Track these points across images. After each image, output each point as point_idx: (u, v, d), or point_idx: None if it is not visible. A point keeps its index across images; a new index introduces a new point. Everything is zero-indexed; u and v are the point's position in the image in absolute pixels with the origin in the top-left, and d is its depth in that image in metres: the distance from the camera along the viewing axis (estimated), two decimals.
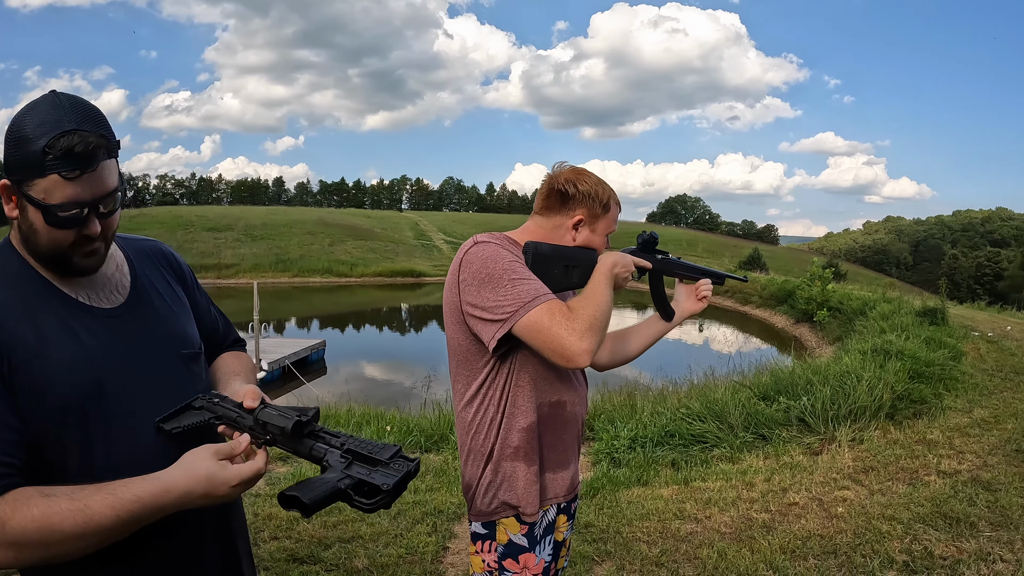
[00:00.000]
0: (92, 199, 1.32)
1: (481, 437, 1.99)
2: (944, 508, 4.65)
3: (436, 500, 5.07)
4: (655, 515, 4.83)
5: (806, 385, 7.73)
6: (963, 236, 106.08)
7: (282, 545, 4.24)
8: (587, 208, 2.03)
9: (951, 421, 7.05)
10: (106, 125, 1.35)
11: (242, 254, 51.25)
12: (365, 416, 7.95)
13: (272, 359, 17.61)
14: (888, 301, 18.54)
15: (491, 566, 2.02)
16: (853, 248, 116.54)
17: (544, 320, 1.77)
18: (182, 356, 1.56)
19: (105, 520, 1.20)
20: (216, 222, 59.23)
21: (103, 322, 1.43)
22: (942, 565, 3.89)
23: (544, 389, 2.00)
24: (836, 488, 5.23)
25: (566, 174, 2.04)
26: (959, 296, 42.82)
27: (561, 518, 2.14)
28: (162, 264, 1.69)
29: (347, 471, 1.27)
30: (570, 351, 1.75)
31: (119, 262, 1.56)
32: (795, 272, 38.53)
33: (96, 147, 1.29)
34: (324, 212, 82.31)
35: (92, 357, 1.37)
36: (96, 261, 1.42)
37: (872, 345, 10.21)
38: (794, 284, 27.12)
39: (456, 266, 1.95)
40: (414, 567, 4.04)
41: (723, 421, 6.96)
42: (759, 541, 4.30)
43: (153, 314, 1.55)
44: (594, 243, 2.07)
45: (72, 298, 1.41)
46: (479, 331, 1.89)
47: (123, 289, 1.53)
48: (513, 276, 1.84)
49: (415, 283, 49.98)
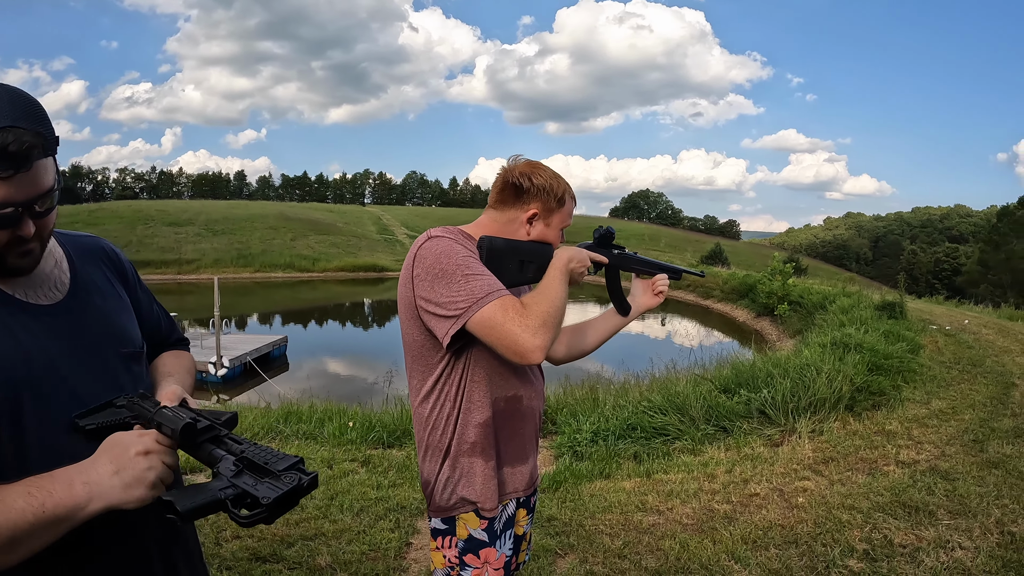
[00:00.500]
0: (26, 199, 1.27)
1: (438, 433, 1.98)
2: (903, 497, 4.72)
3: (399, 496, 5.04)
4: (617, 507, 4.85)
5: (767, 378, 7.81)
6: (922, 232, 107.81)
7: (244, 544, 4.18)
8: (542, 202, 2.01)
9: (909, 412, 7.16)
10: (44, 121, 1.30)
11: (203, 249, 50.64)
12: (327, 412, 7.88)
13: (233, 356, 17.39)
14: (848, 295, 18.81)
15: (452, 561, 2.01)
16: (814, 243, 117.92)
17: (497, 316, 1.76)
18: (122, 355, 1.51)
19: (15, 502, 1.13)
20: (177, 216, 58.37)
21: (41, 320, 1.38)
22: (902, 553, 3.95)
23: (500, 384, 1.99)
24: (797, 479, 5.28)
25: (521, 167, 2.03)
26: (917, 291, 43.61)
27: (521, 512, 2.14)
28: (103, 261, 1.65)
29: (234, 480, 1.21)
30: (523, 347, 1.74)
31: (58, 258, 1.52)
32: (756, 267, 38.87)
33: (31, 146, 1.24)
34: (286, 206, 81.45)
35: (28, 355, 1.32)
36: (31, 261, 1.37)
37: (832, 338, 10.35)
38: (755, 278, 27.39)
39: (410, 261, 1.94)
40: (377, 563, 4.01)
41: (684, 414, 7.00)
42: (721, 532, 4.33)
43: (93, 312, 1.50)
44: (548, 237, 2.06)
45: (8, 294, 1.36)
46: (433, 327, 1.87)
47: (62, 286, 1.48)
48: (467, 272, 1.82)
49: (377, 278, 49.77)
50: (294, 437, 6.86)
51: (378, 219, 76.37)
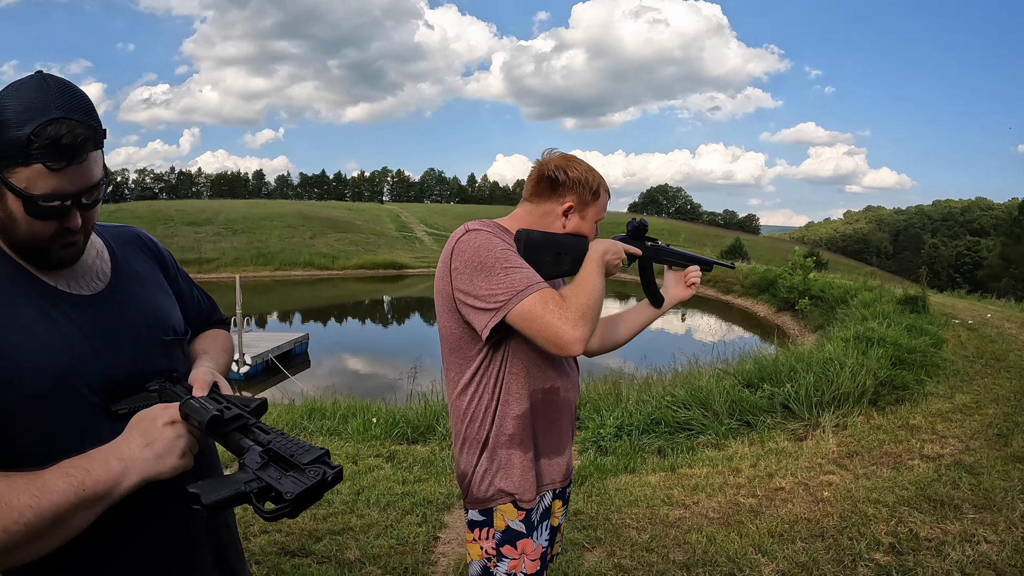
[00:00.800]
0: (76, 191, 1.27)
1: (476, 425, 1.99)
2: (928, 491, 4.70)
3: (424, 491, 5.07)
4: (643, 501, 4.86)
5: (790, 372, 7.79)
6: (943, 225, 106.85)
7: (272, 538, 4.22)
8: (577, 195, 2.02)
9: (933, 407, 7.12)
10: (94, 114, 1.30)
11: (222, 248, 50.87)
12: (350, 408, 7.93)
13: (255, 353, 17.52)
14: (869, 289, 18.69)
15: (489, 553, 2.03)
16: (834, 237, 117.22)
17: (537, 309, 1.77)
18: (164, 342, 1.51)
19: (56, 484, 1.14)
20: (196, 216, 58.77)
21: (83, 309, 1.38)
22: (927, 547, 3.94)
23: (537, 376, 2.00)
24: (821, 473, 5.27)
25: (556, 160, 2.04)
26: (939, 285, 43.27)
27: (556, 503, 2.15)
28: (142, 250, 1.65)
29: (260, 472, 1.21)
30: (563, 339, 1.75)
31: (99, 249, 1.52)
32: (776, 261, 38.76)
33: (85, 139, 1.24)
34: (304, 205, 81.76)
35: (71, 345, 1.32)
36: (74, 253, 1.38)
37: (854, 332, 10.28)
38: (776, 273, 27.26)
39: (448, 254, 1.94)
40: (406, 557, 4.04)
41: (708, 408, 7.00)
42: (747, 525, 4.34)
43: (134, 300, 1.50)
44: (583, 230, 2.07)
45: (51, 286, 1.36)
46: (472, 320, 1.89)
47: (103, 276, 1.48)
48: (506, 264, 1.84)
49: (397, 275, 49.86)
50: (318, 433, 6.91)
51: (397, 216, 76.50)
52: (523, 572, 2.02)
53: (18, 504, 1.11)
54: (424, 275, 48.45)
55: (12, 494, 1.12)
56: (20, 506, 1.11)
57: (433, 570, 3.95)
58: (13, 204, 1.25)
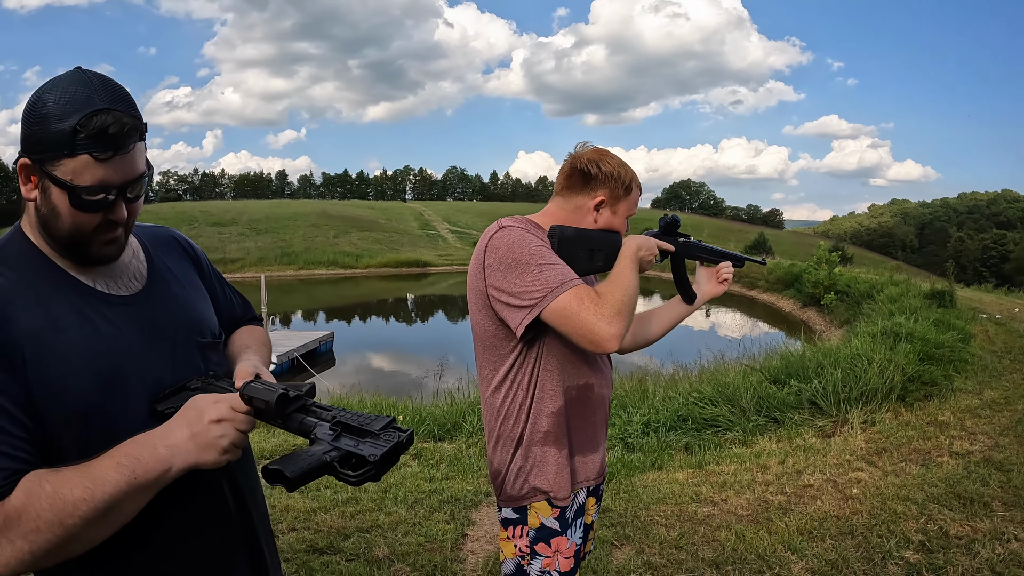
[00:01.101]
0: (122, 183, 1.27)
1: (510, 423, 1.99)
2: (958, 488, 4.67)
3: (452, 488, 5.10)
4: (671, 499, 4.86)
5: (817, 368, 7.75)
6: (969, 218, 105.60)
7: (301, 536, 4.26)
8: (609, 189, 2.02)
9: (962, 402, 7.06)
10: (135, 106, 1.30)
11: (247, 248, 51.17)
12: (376, 406, 7.98)
13: (281, 352, 17.63)
14: (896, 284, 18.48)
15: (523, 550, 2.02)
16: (859, 231, 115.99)
17: (572, 306, 1.76)
18: (200, 344, 1.50)
19: (107, 475, 1.16)
20: (220, 217, 59.19)
21: (120, 310, 1.38)
22: (957, 544, 3.91)
23: (571, 372, 1.99)
24: (850, 470, 5.25)
25: (589, 154, 2.03)
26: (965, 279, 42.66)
27: (590, 500, 2.14)
28: (177, 251, 1.65)
29: (335, 443, 1.23)
30: (599, 336, 1.75)
31: (135, 248, 1.51)
32: (801, 256, 38.37)
33: (131, 128, 1.24)
34: (328, 204, 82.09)
35: (111, 347, 1.32)
36: (115, 249, 1.37)
37: (881, 328, 10.20)
38: (801, 268, 27.00)
39: (481, 251, 1.94)
40: (434, 555, 4.06)
41: (735, 405, 6.98)
42: (776, 523, 4.33)
43: (171, 301, 1.49)
44: (615, 225, 2.06)
45: (88, 286, 1.35)
46: (506, 317, 1.88)
47: (140, 276, 1.47)
48: (540, 261, 1.83)
49: (421, 273, 49.94)
50: None
51: (419, 215, 76.68)
52: (557, 570, 2.01)
53: (71, 497, 1.12)
54: (448, 273, 48.54)
55: (65, 488, 1.13)
56: (74, 499, 1.12)
57: (462, 567, 3.96)
58: (57, 198, 1.25)
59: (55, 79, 1.26)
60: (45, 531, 1.11)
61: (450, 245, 60.15)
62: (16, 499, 1.12)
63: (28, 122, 1.23)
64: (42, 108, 1.21)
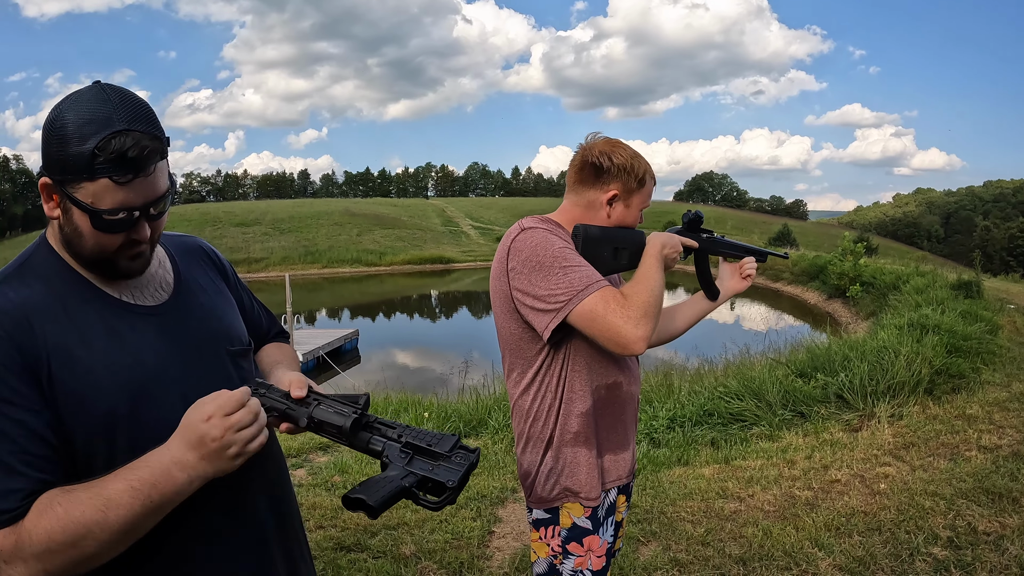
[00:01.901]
0: (143, 204, 1.25)
1: (540, 424, 1.98)
2: (986, 483, 4.62)
3: (478, 485, 5.12)
4: (698, 494, 4.86)
5: (843, 361, 7.69)
6: (995, 207, 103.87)
7: (328, 534, 4.30)
8: (622, 183, 1.99)
9: (990, 395, 6.98)
10: (157, 123, 1.27)
11: (271, 247, 51.42)
12: (402, 403, 8.01)
13: (307, 350, 17.74)
14: (922, 275, 18.30)
15: (555, 550, 2.02)
16: (884, 221, 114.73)
17: (599, 308, 1.75)
18: (229, 353, 1.48)
19: (122, 499, 1.14)
20: (243, 217, 59.43)
21: (148, 320, 1.37)
22: (986, 541, 3.88)
23: (599, 372, 1.98)
24: (877, 464, 5.22)
25: (600, 145, 2.00)
26: (992, 269, 42.21)
27: (620, 498, 2.15)
28: (203, 260, 1.63)
29: (409, 467, 1.25)
30: (626, 339, 1.74)
31: (161, 259, 1.50)
32: (825, 247, 38.17)
33: (152, 151, 1.22)
34: (350, 202, 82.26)
35: (138, 359, 1.31)
36: (141, 264, 1.36)
37: (908, 320, 10.09)
38: (825, 259, 26.78)
39: (504, 254, 1.93)
40: (461, 552, 4.09)
41: (761, 399, 6.96)
42: (803, 519, 4.32)
43: (198, 310, 1.48)
44: (628, 219, 2.04)
45: (115, 297, 1.35)
46: (532, 320, 1.88)
47: (167, 286, 1.46)
48: (564, 264, 1.82)
49: (444, 270, 50.04)
50: None
51: (442, 211, 76.65)
52: (590, 569, 2.02)
53: (84, 520, 1.12)
54: (471, 269, 48.57)
55: (78, 511, 1.13)
56: (87, 521, 1.12)
57: (488, 564, 3.99)
58: (79, 219, 1.24)
59: (74, 95, 1.24)
60: (59, 552, 1.12)
61: (473, 241, 60.15)
62: (30, 521, 1.12)
63: (48, 142, 1.22)
64: (61, 128, 1.20)
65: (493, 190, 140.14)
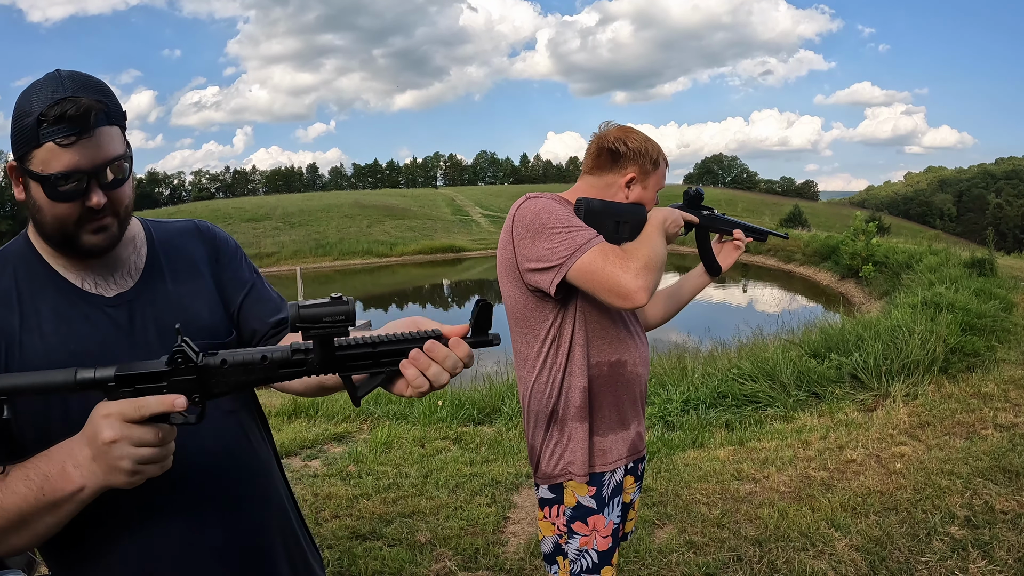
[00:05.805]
0: (92, 167, 1.24)
1: (545, 398, 2.02)
2: (1003, 462, 4.58)
3: (492, 472, 5.14)
4: (713, 477, 4.86)
5: (857, 341, 7.64)
6: (1007, 184, 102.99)
7: (343, 523, 4.33)
8: (638, 165, 2.06)
9: (1005, 373, 6.92)
10: (106, 92, 1.28)
11: (281, 242, 51.48)
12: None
13: None
14: (935, 253, 18.18)
15: (560, 529, 2.05)
16: (895, 200, 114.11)
17: (598, 261, 1.81)
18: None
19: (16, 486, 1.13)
20: (253, 212, 59.55)
21: (103, 311, 1.35)
22: (1003, 520, 3.85)
23: (604, 349, 2.03)
24: (893, 444, 5.20)
25: (615, 132, 2.08)
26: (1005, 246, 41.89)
27: (628, 479, 2.16)
28: (192, 242, 1.56)
29: None
30: (626, 288, 1.78)
31: (138, 243, 1.47)
32: (837, 227, 37.88)
33: (89, 108, 1.20)
34: (360, 194, 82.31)
35: (85, 347, 1.29)
36: (106, 239, 1.32)
37: (921, 298, 10.02)
38: (837, 240, 26.59)
39: (509, 224, 1.99)
40: (476, 538, 4.10)
41: (775, 380, 6.93)
42: (819, 499, 4.31)
43: (162, 301, 1.42)
44: (646, 199, 2.11)
45: (74, 286, 1.34)
46: (537, 282, 1.92)
47: (136, 272, 1.43)
48: (566, 225, 1.88)
49: (455, 259, 49.99)
50: (385, 417, 7.01)
51: (452, 200, 76.59)
52: (595, 549, 2.03)
53: None
54: (482, 257, 48.51)
55: None
56: None
57: (503, 550, 4.00)
58: (36, 191, 1.25)
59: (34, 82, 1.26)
60: None
61: (483, 229, 60.06)
62: None
63: (11, 124, 1.24)
64: (17, 109, 1.23)
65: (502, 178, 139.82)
